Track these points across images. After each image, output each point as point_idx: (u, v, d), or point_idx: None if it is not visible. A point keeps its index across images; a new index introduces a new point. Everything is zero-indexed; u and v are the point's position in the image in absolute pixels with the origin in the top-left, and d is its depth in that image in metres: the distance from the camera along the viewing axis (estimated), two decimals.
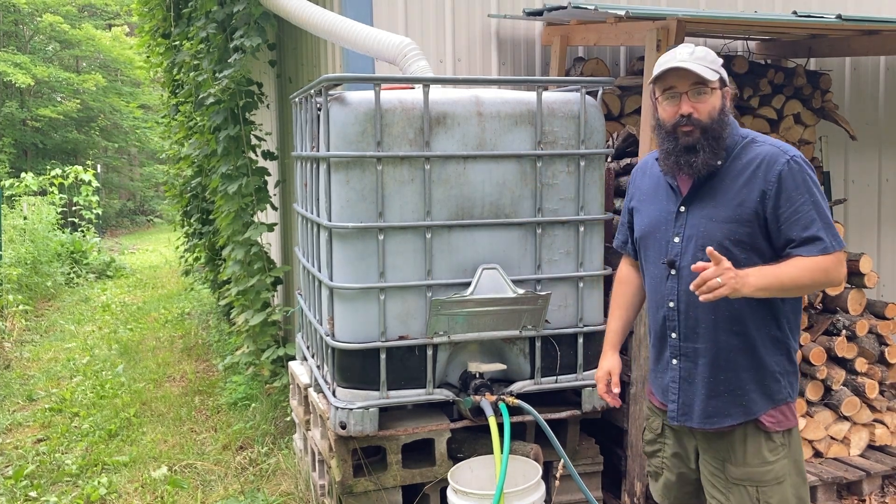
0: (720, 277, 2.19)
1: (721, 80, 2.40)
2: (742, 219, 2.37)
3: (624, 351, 3.80)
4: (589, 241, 3.49)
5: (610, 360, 2.79)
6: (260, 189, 5.41)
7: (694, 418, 2.52)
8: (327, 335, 3.33)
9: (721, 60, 2.43)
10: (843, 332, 4.25)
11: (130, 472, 4.76)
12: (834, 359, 4.25)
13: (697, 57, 2.37)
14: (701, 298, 2.24)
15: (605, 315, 3.58)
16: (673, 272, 2.50)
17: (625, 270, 2.87)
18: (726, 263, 2.22)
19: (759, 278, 2.25)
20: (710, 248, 2.25)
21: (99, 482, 4.57)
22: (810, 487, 4.01)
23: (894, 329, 4.39)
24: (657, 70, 2.42)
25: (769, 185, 2.34)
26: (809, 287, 2.37)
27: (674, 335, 2.53)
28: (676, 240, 2.48)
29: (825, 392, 4.26)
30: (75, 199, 15.64)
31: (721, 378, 2.46)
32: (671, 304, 2.52)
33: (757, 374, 2.45)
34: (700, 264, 2.25)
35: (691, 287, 2.25)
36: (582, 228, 3.47)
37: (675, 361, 2.55)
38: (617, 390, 2.77)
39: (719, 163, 2.41)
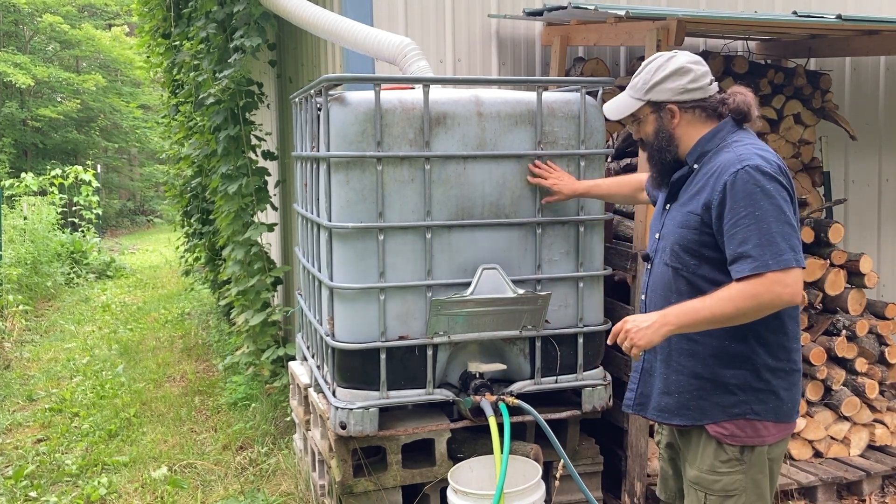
0: (625, 342, 2.31)
1: (651, 103, 2.44)
2: (690, 225, 2.38)
3: (619, 349, 3.80)
4: (589, 241, 3.49)
5: (571, 181, 3.29)
6: (260, 189, 5.41)
7: (649, 410, 2.58)
8: (327, 335, 3.33)
9: (664, 74, 2.41)
10: (843, 332, 4.25)
11: (130, 472, 4.76)
12: (834, 359, 4.25)
13: (631, 85, 2.49)
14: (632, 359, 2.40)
15: (605, 315, 3.60)
16: (648, 266, 2.60)
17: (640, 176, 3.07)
18: (628, 325, 2.32)
19: (678, 317, 2.28)
20: (609, 336, 2.41)
21: (99, 482, 4.57)
22: (810, 488, 4.01)
23: (894, 329, 4.39)
24: None
25: (715, 195, 2.30)
26: (741, 316, 2.25)
27: None
28: (657, 236, 2.56)
29: (825, 392, 4.25)
30: (75, 199, 15.64)
31: (673, 378, 2.48)
32: (642, 297, 2.60)
33: (706, 382, 2.41)
34: (612, 333, 2.39)
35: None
36: (582, 228, 3.46)
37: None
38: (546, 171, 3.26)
39: (695, 166, 2.44)
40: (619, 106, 2.51)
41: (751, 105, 2.42)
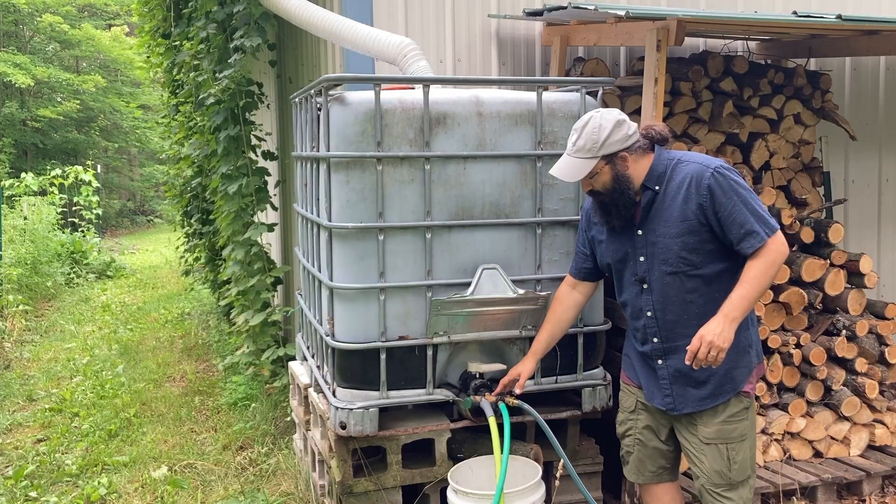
0: (710, 351, 2.58)
1: (604, 157, 2.76)
2: (690, 230, 2.75)
3: (619, 349, 3.80)
4: None
5: (525, 365, 3.19)
6: (260, 189, 5.41)
7: (689, 404, 2.85)
8: (327, 335, 3.33)
9: (608, 131, 2.74)
10: (844, 332, 4.25)
11: (130, 472, 4.76)
12: (834, 359, 4.25)
13: (577, 148, 2.77)
14: (714, 366, 2.66)
15: (605, 315, 3.60)
16: (645, 286, 2.87)
17: (563, 290, 3.20)
18: (707, 337, 2.59)
19: (737, 309, 2.63)
20: (687, 357, 2.63)
21: (99, 482, 4.57)
22: (810, 488, 4.02)
23: (894, 329, 4.39)
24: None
25: (703, 197, 2.71)
26: (771, 282, 2.71)
27: (655, 339, 2.88)
28: (642, 259, 2.86)
29: (825, 392, 4.25)
30: (75, 200, 15.64)
31: (706, 366, 2.71)
32: (649, 314, 2.88)
33: (735, 353, 2.75)
34: (689, 353, 2.64)
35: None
36: None
37: (660, 362, 2.89)
38: (518, 392, 3.17)
39: (657, 187, 2.79)
40: (573, 169, 2.79)
41: (666, 131, 2.91)
